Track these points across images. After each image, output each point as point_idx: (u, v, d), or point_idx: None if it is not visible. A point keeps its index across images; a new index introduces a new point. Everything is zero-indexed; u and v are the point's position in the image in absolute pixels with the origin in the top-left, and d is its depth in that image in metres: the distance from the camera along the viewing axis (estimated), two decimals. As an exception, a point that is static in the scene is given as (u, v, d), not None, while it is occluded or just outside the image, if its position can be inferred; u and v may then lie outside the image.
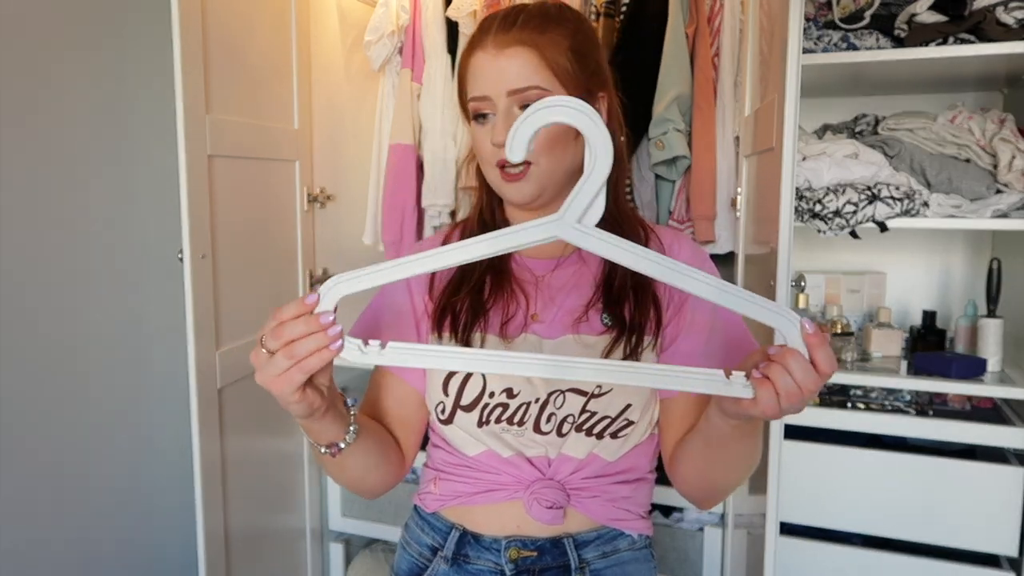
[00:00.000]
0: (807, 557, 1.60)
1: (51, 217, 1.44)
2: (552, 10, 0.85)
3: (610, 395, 0.84)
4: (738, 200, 1.68)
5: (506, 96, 0.80)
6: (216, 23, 1.43)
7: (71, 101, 1.48)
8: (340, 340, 0.64)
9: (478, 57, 0.82)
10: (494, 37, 0.81)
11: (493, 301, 0.88)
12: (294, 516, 1.85)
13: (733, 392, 0.61)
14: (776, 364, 0.60)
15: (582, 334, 0.86)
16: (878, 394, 1.66)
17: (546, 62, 0.80)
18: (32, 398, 1.40)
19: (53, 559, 1.46)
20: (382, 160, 2.00)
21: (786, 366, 0.59)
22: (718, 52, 1.72)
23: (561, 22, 0.83)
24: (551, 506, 0.85)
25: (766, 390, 0.60)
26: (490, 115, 0.82)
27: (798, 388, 0.59)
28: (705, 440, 0.79)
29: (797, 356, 0.59)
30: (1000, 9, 1.44)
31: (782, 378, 0.59)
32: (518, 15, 0.82)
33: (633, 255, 0.58)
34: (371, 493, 0.91)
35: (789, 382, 0.59)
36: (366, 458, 0.84)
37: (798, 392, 0.59)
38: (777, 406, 0.60)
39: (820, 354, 0.59)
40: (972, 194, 1.54)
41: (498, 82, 0.80)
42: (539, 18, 0.82)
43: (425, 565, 0.91)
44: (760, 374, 0.61)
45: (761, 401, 0.60)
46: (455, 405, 0.87)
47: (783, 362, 0.59)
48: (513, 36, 0.80)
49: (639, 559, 0.92)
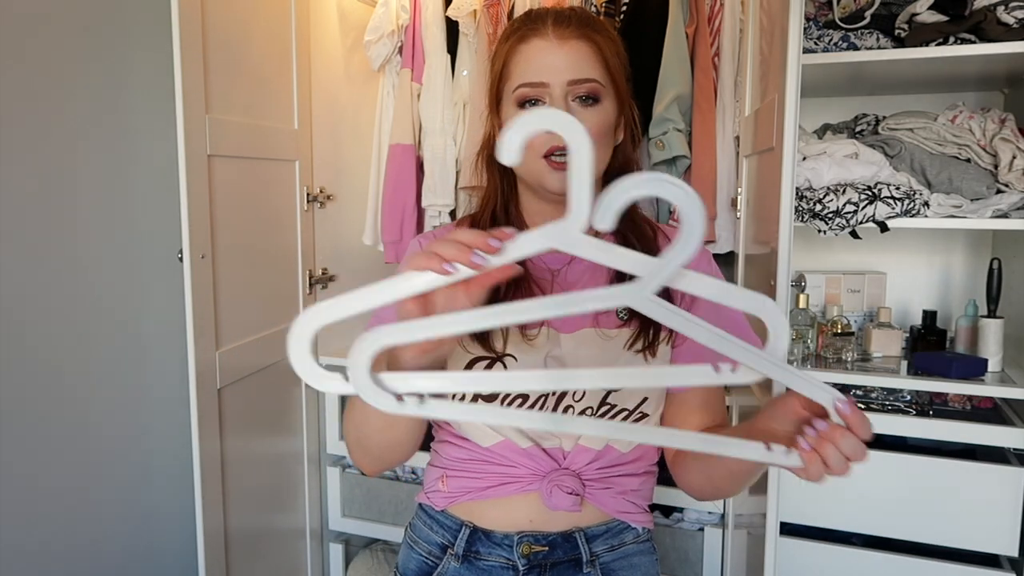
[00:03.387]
0: (807, 557, 1.60)
1: (51, 217, 1.44)
2: (596, 17, 0.89)
3: (629, 388, 0.86)
4: (738, 200, 1.68)
5: (566, 85, 0.82)
6: (216, 23, 1.43)
7: (71, 101, 1.48)
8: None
9: (535, 44, 0.83)
10: (555, 28, 0.83)
11: (510, 299, 0.88)
12: (294, 516, 1.85)
13: (783, 462, 0.64)
14: (827, 442, 0.63)
15: (602, 327, 0.87)
16: (878, 394, 1.66)
17: (604, 59, 0.84)
18: (32, 398, 1.40)
19: (53, 559, 1.46)
20: (382, 160, 2.00)
21: (837, 444, 0.62)
22: (718, 52, 1.72)
23: (607, 29, 0.88)
24: (571, 492, 0.86)
25: (816, 465, 0.63)
26: (540, 102, 0.83)
27: (846, 460, 0.63)
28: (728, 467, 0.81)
29: (847, 435, 0.62)
30: (1000, 9, 1.44)
31: (834, 456, 0.62)
32: (570, 14, 0.85)
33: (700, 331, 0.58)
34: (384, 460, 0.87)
35: (840, 458, 0.63)
36: (424, 422, 0.82)
37: (846, 464, 0.63)
38: (824, 476, 0.64)
39: (861, 430, 0.62)
40: (972, 194, 1.54)
41: (561, 70, 0.82)
42: (591, 21, 0.86)
43: (435, 563, 0.92)
44: (808, 446, 0.63)
45: (811, 472, 0.63)
46: (476, 395, 0.87)
47: (834, 441, 0.62)
48: (574, 30, 0.83)
49: (643, 551, 0.94)
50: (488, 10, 1.85)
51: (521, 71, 0.84)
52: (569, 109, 0.82)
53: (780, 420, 0.67)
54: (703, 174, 1.71)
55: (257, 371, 1.61)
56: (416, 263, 0.57)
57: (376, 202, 2.01)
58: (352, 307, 0.56)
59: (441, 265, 0.56)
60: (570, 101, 0.83)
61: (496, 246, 0.56)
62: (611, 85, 0.85)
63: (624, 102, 0.88)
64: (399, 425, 0.79)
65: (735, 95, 1.72)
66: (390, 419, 0.77)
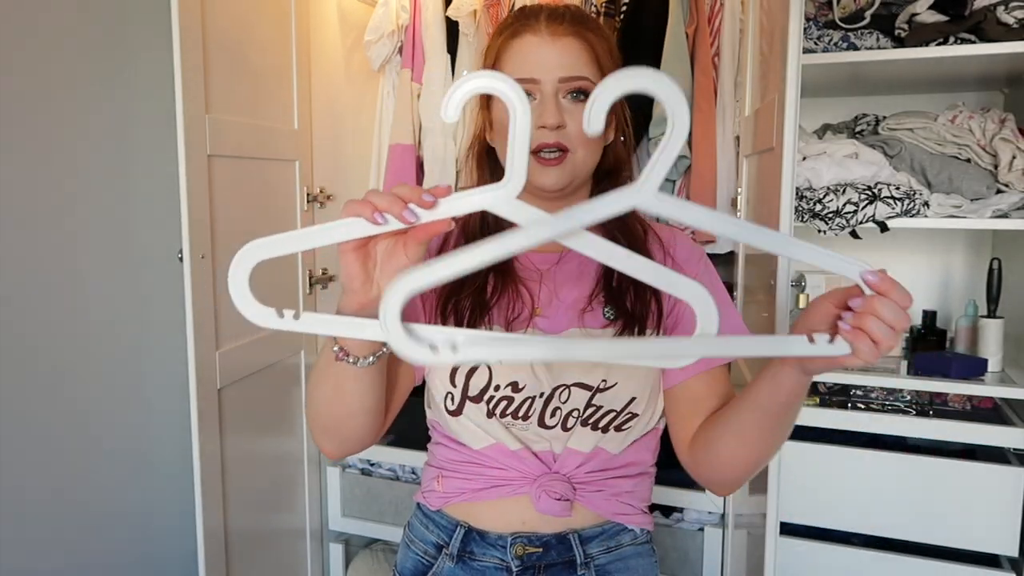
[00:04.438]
0: (807, 557, 1.60)
1: (51, 217, 1.44)
2: (590, 15, 0.89)
3: (615, 388, 0.85)
4: (738, 200, 1.68)
5: (557, 82, 0.81)
6: (216, 23, 1.43)
7: (71, 101, 1.48)
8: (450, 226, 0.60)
9: (527, 40, 0.83)
10: (548, 25, 0.83)
11: (497, 299, 0.88)
12: (294, 516, 1.85)
13: (831, 351, 0.61)
14: (867, 315, 0.60)
15: (587, 327, 0.86)
16: (878, 394, 1.66)
17: (596, 58, 0.83)
18: (32, 398, 1.40)
19: (53, 559, 1.45)
20: (382, 160, 2.00)
21: (877, 314, 0.59)
22: (718, 52, 1.72)
23: (600, 27, 0.87)
24: (560, 498, 0.85)
25: (863, 342, 0.60)
26: (531, 98, 0.82)
27: (891, 329, 0.60)
28: (764, 408, 0.75)
29: (884, 301, 0.59)
30: (1000, 9, 1.44)
31: (877, 327, 0.59)
32: (564, 11, 0.85)
33: (710, 217, 0.56)
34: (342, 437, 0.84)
35: (884, 328, 0.59)
36: (374, 391, 0.78)
37: (892, 333, 0.60)
38: (877, 352, 0.61)
39: (896, 295, 0.60)
40: (972, 194, 1.54)
41: (553, 67, 0.81)
42: (584, 18, 0.86)
43: (430, 563, 0.92)
44: (850, 327, 0.60)
45: (861, 352, 0.60)
46: (463, 396, 0.87)
47: (873, 311, 0.59)
48: (567, 27, 0.83)
49: (641, 553, 0.93)
50: (488, 10, 1.85)
51: (513, 66, 0.83)
52: (560, 106, 0.81)
53: (816, 324, 0.63)
54: (703, 174, 1.71)
55: (257, 371, 1.61)
56: (350, 208, 0.59)
57: (376, 202, 2.01)
58: (287, 246, 0.60)
59: (372, 214, 0.58)
60: (561, 98, 0.82)
61: (429, 201, 0.57)
62: None
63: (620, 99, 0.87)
64: (350, 392, 0.77)
65: (735, 95, 1.72)
66: (340, 385, 0.77)
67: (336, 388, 0.77)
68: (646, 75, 0.51)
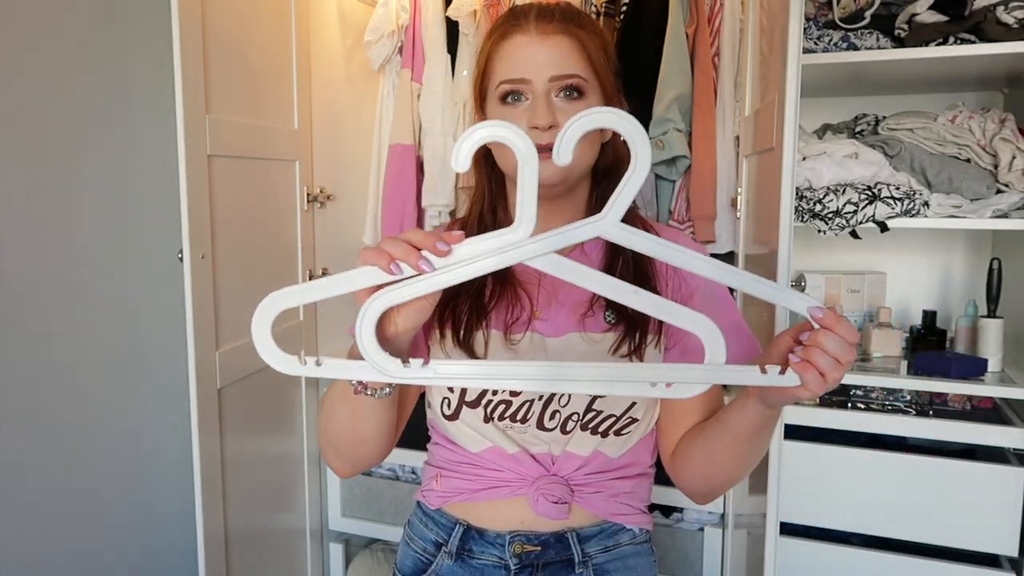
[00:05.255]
0: (807, 557, 1.60)
1: (51, 217, 1.44)
2: (581, 12, 0.88)
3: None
4: (738, 200, 1.68)
5: (548, 81, 0.81)
6: (216, 23, 1.43)
7: (71, 101, 1.48)
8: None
9: (517, 40, 0.83)
10: (536, 24, 0.82)
11: (495, 303, 0.88)
12: (294, 516, 1.85)
13: (781, 383, 0.65)
14: (813, 348, 0.64)
15: (588, 331, 0.86)
16: (878, 394, 1.66)
17: (587, 55, 0.82)
18: (32, 398, 1.40)
19: (53, 559, 1.46)
20: (382, 160, 2.00)
21: (822, 347, 0.63)
22: (718, 52, 1.72)
23: (591, 24, 0.87)
24: (557, 501, 0.85)
25: (810, 373, 0.64)
26: (523, 98, 0.82)
27: (837, 362, 0.63)
28: (732, 434, 0.79)
29: (829, 335, 0.63)
30: (1000, 9, 1.44)
31: (822, 359, 0.63)
32: (554, 10, 0.84)
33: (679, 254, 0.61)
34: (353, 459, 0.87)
35: (828, 360, 0.63)
36: (389, 418, 0.80)
37: (838, 366, 0.64)
38: (824, 383, 0.64)
39: (841, 329, 0.63)
40: (972, 194, 1.54)
41: (543, 66, 0.81)
42: (575, 15, 0.85)
43: (429, 561, 0.92)
44: (799, 359, 0.64)
45: (810, 384, 0.64)
46: (460, 401, 0.87)
47: (818, 345, 0.63)
48: (557, 26, 0.82)
49: (640, 553, 0.93)
50: (488, 10, 1.85)
51: (503, 67, 0.83)
52: (552, 104, 0.81)
53: (775, 357, 0.68)
54: (703, 174, 1.71)
55: (257, 371, 1.61)
56: (366, 257, 0.60)
57: (376, 202, 2.01)
58: (307, 296, 0.62)
59: (388, 265, 0.59)
60: (553, 96, 0.82)
61: (444, 249, 0.59)
62: (595, 80, 0.83)
63: (611, 98, 0.86)
64: (365, 420, 0.79)
65: (735, 95, 1.72)
66: (355, 413, 0.78)
67: (352, 415, 0.79)
68: (611, 112, 0.56)
